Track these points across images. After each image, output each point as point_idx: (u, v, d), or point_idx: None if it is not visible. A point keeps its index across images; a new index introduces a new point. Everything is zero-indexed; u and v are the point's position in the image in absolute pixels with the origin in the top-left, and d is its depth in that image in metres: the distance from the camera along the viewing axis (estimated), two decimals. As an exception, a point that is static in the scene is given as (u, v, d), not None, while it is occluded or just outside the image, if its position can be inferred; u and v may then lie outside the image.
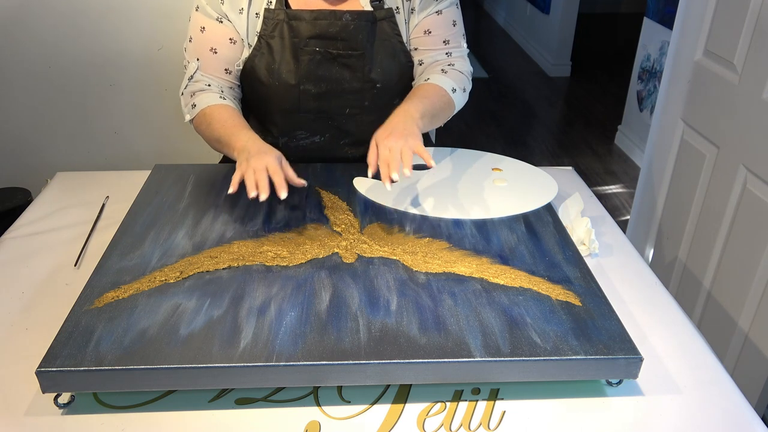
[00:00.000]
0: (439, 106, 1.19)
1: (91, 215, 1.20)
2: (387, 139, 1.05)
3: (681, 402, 0.82)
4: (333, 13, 1.17)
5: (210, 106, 1.18)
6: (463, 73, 1.27)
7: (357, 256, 0.98)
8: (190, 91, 1.21)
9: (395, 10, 1.21)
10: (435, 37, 1.25)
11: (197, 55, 1.20)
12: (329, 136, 1.30)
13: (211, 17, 1.17)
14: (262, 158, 1.04)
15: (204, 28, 1.18)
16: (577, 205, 1.18)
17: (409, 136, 1.05)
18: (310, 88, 1.21)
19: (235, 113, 1.19)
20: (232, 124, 1.15)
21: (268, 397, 0.82)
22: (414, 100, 1.16)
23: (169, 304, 0.86)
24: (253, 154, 1.05)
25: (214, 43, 1.19)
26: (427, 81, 1.22)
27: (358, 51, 1.19)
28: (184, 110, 1.22)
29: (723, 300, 1.60)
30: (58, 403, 0.79)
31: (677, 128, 1.80)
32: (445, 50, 1.26)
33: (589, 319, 0.85)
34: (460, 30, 1.27)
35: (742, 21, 1.48)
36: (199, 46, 1.20)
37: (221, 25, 1.18)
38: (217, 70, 1.21)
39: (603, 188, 3.15)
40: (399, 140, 1.04)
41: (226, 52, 1.20)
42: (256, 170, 1.01)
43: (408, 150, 1.02)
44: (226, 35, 1.19)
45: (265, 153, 1.05)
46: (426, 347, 0.79)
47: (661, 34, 3.10)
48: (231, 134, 1.13)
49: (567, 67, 4.82)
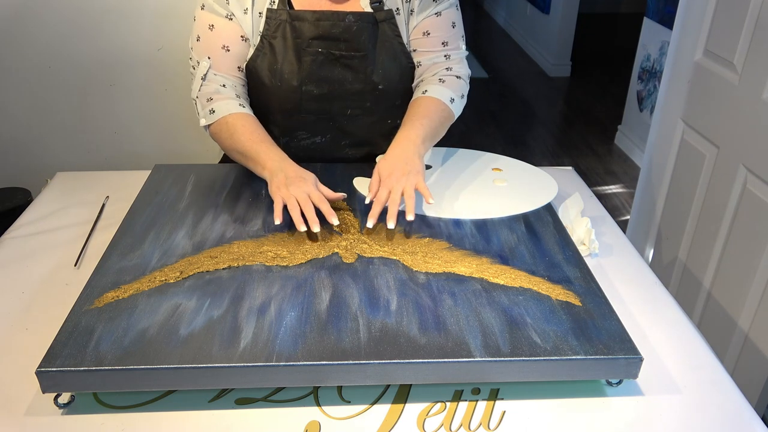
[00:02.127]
0: (438, 122, 1.19)
1: (91, 215, 1.20)
2: (389, 178, 1.06)
3: (681, 402, 0.82)
4: (336, 14, 1.17)
5: (232, 115, 1.16)
6: (461, 78, 1.27)
7: (357, 256, 0.98)
8: (205, 94, 1.18)
9: (395, 11, 1.21)
10: (434, 39, 1.24)
11: (207, 53, 1.18)
12: (330, 136, 1.29)
13: (220, 15, 1.16)
14: (302, 186, 1.04)
15: (213, 26, 1.16)
16: (577, 205, 1.18)
17: (411, 172, 1.07)
18: (312, 89, 1.21)
19: (259, 125, 1.18)
20: (259, 140, 1.14)
21: (268, 397, 0.82)
22: (415, 123, 1.16)
23: (169, 304, 0.86)
24: (292, 180, 1.05)
25: (226, 41, 1.17)
26: (425, 94, 1.22)
27: (360, 52, 1.19)
28: (200, 114, 1.19)
29: (723, 300, 1.60)
30: (58, 403, 0.79)
31: (677, 128, 1.80)
32: (443, 52, 1.25)
33: (589, 319, 0.85)
34: (459, 32, 1.27)
35: (742, 21, 1.48)
36: (209, 44, 1.17)
37: (231, 22, 1.16)
38: (230, 68, 1.19)
39: (603, 188, 3.15)
40: (401, 179, 1.05)
41: (239, 49, 1.18)
42: (300, 200, 1.02)
43: (410, 189, 1.04)
44: (237, 33, 1.17)
45: (304, 180, 1.06)
46: (426, 347, 0.79)
47: (661, 34, 3.11)
48: (259, 151, 1.12)
49: (567, 67, 4.82)
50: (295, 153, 1.30)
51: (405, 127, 1.16)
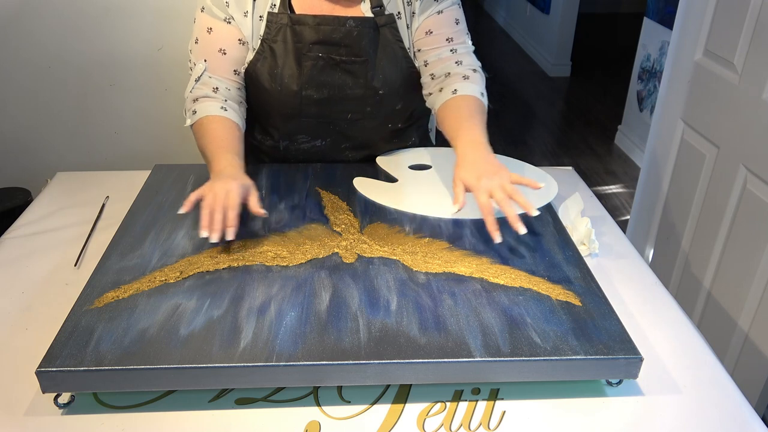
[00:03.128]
0: (483, 118, 1.16)
1: (91, 215, 1.20)
2: (479, 182, 1.00)
3: (681, 402, 0.82)
4: (337, 19, 1.16)
5: (208, 117, 1.14)
6: (477, 71, 1.24)
7: (357, 256, 0.98)
8: (194, 96, 1.18)
9: (396, 15, 1.20)
10: (437, 36, 1.22)
11: (204, 56, 1.17)
12: (330, 140, 1.29)
13: (219, 18, 1.15)
14: (227, 184, 0.99)
15: (211, 29, 1.16)
16: (577, 205, 1.18)
17: (499, 170, 1.02)
18: (312, 94, 1.20)
19: (231, 130, 1.15)
20: (220, 144, 1.11)
21: (268, 397, 0.82)
22: (469, 124, 1.12)
23: (169, 304, 0.86)
24: (220, 178, 1.01)
25: (223, 44, 1.17)
26: (455, 94, 1.18)
27: (361, 57, 1.19)
28: (186, 114, 1.19)
29: (723, 300, 1.60)
30: (58, 403, 0.79)
31: (677, 128, 1.80)
32: (449, 47, 1.23)
33: (589, 319, 0.85)
34: (463, 28, 1.25)
35: (742, 21, 1.48)
36: (206, 47, 1.17)
37: (229, 25, 1.16)
38: (226, 71, 1.19)
39: (603, 188, 3.15)
40: (493, 178, 1.00)
41: (236, 53, 1.18)
42: (216, 196, 0.97)
43: (509, 186, 0.99)
44: (234, 36, 1.16)
45: (232, 179, 1.01)
46: (426, 347, 0.79)
47: (661, 34, 3.11)
48: (215, 154, 1.09)
49: (567, 67, 4.82)
50: (296, 156, 1.30)
51: (462, 132, 1.11)
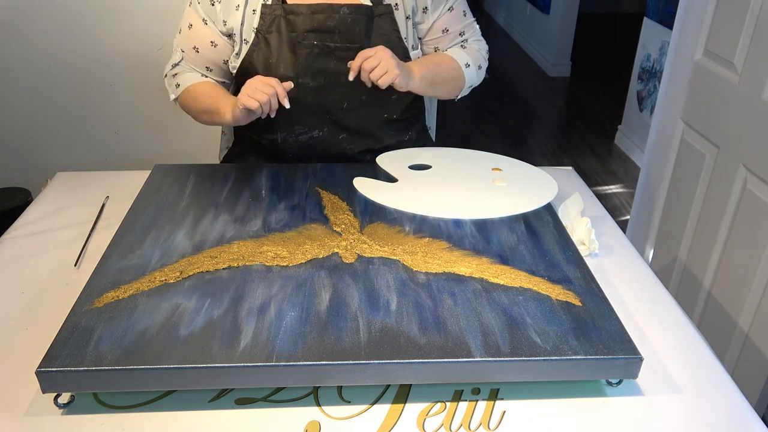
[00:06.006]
0: (445, 76, 1.26)
1: (91, 215, 1.20)
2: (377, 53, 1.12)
3: (681, 402, 0.82)
4: (330, 7, 1.18)
5: (193, 84, 1.25)
6: (480, 51, 1.34)
7: (357, 256, 0.98)
8: (173, 72, 1.28)
9: (394, 6, 1.22)
10: (452, 34, 1.31)
11: (183, 47, 1.26)
12: (327, 130, 1.30)
13: (199, 16, 1.22)
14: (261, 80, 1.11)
15: (191, 26, 1.24)
16: (577, 205, 1.18)
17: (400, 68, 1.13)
18: (308, 82, 1.22)
19: (220, 87, 1.26)
20: (219, 93, 1.22)
21: (268, 397, 0.82)
22: (422, 62, 1.24)
23: (169, 304, 0.86)
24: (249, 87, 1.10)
25: (197, 43, 1.24)
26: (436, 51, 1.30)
27: (355, 44, 1.20)
28: (169, 90, 1.29)
29: (723, 300, 1.60)
30: (58, 403, 0.79)
31: (677, 128, 1.80)
32: (461, 40, 1.34)
33: (589, 319, 0.85)
34: (470, 17, 1.34)
35: (742, 21, 1.48)
36: (185, 40, 1.26)
37: (206, 26, 1.22)
38: (199, 66, 1.28)
39: (603, 188, 3.15)
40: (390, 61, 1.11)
41: (207, 53, 1.25)
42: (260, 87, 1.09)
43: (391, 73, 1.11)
44: (207, 38, 1.23)
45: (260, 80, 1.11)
46: (426, 347, 0.79)
47: (661, 34, 3.10)
48: (219, 101, 1.19)
49: (567, 67, 4.81)
50: (294, 148, 1.31)
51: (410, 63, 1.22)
